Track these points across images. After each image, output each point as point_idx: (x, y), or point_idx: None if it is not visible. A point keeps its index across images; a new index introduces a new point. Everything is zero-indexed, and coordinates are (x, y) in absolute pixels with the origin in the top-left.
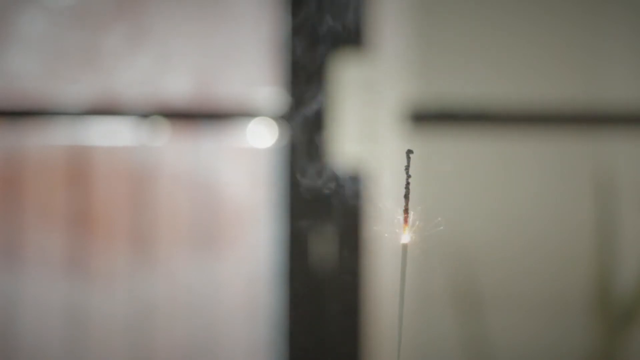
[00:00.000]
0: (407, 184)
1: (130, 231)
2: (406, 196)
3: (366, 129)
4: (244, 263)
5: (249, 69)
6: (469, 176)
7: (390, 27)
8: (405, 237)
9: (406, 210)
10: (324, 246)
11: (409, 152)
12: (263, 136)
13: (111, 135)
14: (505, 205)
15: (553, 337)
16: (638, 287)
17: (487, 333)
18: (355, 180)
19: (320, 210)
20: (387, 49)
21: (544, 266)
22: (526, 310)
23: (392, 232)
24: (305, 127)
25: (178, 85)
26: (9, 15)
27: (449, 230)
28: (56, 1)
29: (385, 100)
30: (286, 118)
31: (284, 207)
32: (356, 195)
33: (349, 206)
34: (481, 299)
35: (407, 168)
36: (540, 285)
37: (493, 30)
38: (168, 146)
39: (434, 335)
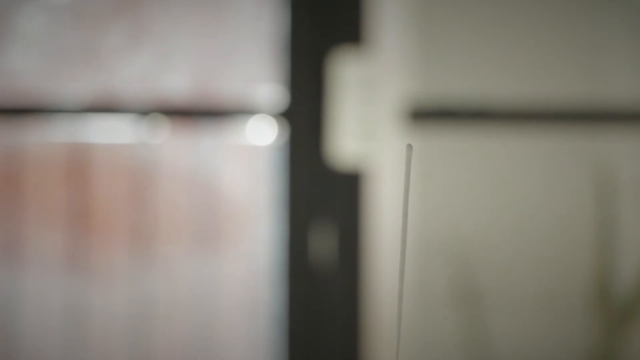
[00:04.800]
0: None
1: (130, 228)
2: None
3: (366, 127)
4: (244, 261)
5: (249, 66)
6: (469, 174)
7: (389, 24)
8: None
9: None
10: (323, 244)
11: (409, 147)
12: (262, 133)
13: (111, 132)
14: (505, 203)
15: (553, 337)
16: (638, 287)
17: (487, 334)
18: (354, 177)
19: (320, 207)
20: (386, 46)
21: (544, 265)
22: (526, 309)
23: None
24: (305, 124)
25: (177, 82)
26: (9, 13)
27: (449, 229)
28: None
29: (384, 97)
30: (285, 115)
31: (284, 205)
32: (356, 192)
33: (348, 204)
34: (481, 298)
35: (408, 162)
36: (541, 284)
37: (493, 27)
38: (167, 143)
39: (434, 336)
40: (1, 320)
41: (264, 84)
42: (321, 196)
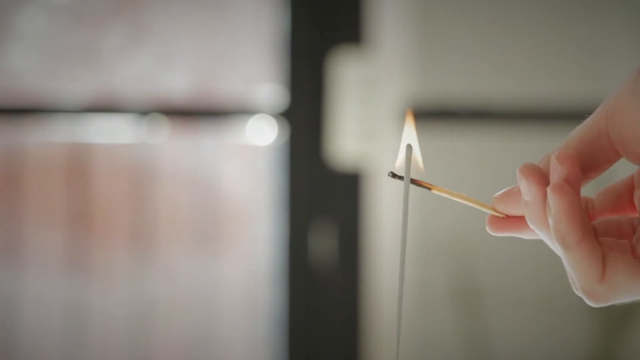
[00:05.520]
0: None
1: (130, 228)
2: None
3: (366, 127)
4: (244, 260)
5: (249, 66)
6: (469, 174)
7: (389, 24)
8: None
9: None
10: (323, 244)
11: (409, 146)
12: (262, 133)
13: (111, 132)
14: None
15: (553, 337)
16: None
17: (487, 334)
18: (354, 177)
19: (320, 207)
20: (386, 46)
21: (544, 265)
22: (526, 309)
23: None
24: (305, 124)
25: (178, 82)
26: (9, 13)
27: (449, 229)
28: None
29: (384, 97)
30: (285, 115)
31: (284, 205)
32: (356, 192)
33: (348, 204)
34: (481, 298)
35: (407, 163)
36: (540, 284)
37: (492, 27)
38: (167, 143)
39: (434, 336)
40: (1, 320)
41: (264, 84)
42: (321, 196)
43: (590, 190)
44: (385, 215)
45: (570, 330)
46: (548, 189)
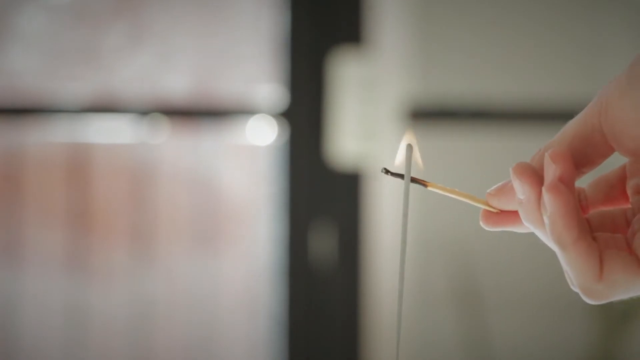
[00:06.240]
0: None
1: (130, 228)
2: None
3: (366, 127)
4: (244, 260)
5: (249, 66)
6: (469, 174)
7: (389, 24)
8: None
9: None
10: (323, 244)
11: (409, 146)
12: (262, 133)
13: (111, 132)
14: None
15: (553, 337)
16: None
17: (487, 334)
18: (354, 177)
19: (320, 207)
20: (386, 46)
21: (544, 265)
22: (526, 309)
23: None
24: (305, 124)
25: (178, 82)
26: (9, 13)
27: (449, 229)
28: None
29: (384, 97)
30: (285, 115)
31: (284, 205)
32: (356, 192)
33: (348, 204)
34: (481, 298)
35: (407, 163)
36: (540, 284)
37: (493, 27)
38: (168, 143)
39: (434, 336)
40: (1, 320)
41: (264, 84)
42: (321, 196)
43: (583, 179)
44: (385, 215)
45: (570, 330)
46: (543, 189)
